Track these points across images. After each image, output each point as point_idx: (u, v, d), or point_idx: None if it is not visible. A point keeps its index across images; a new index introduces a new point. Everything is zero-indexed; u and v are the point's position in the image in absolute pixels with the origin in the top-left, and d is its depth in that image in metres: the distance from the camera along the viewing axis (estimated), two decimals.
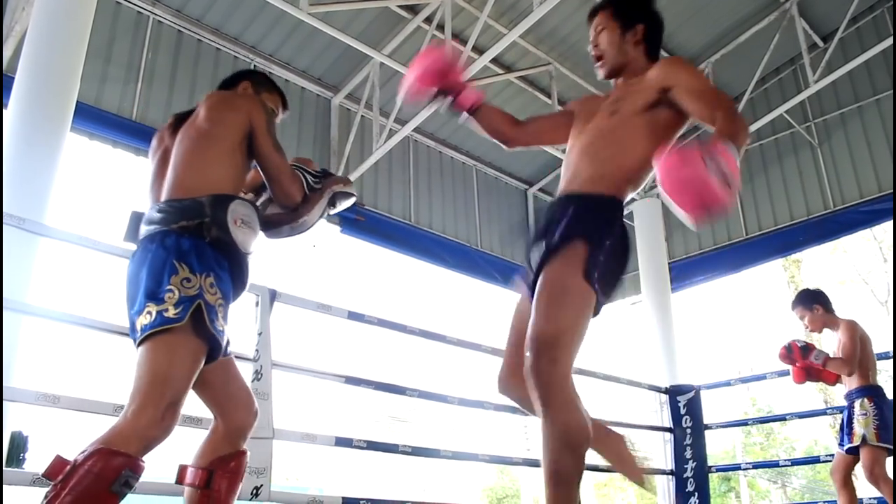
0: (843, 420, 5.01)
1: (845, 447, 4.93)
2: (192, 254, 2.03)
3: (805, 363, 4.94)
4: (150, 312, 1.94)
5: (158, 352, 1.94)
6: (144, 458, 1.88)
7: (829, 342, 5.12)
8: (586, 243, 2.12)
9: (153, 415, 1.87)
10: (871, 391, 4.88)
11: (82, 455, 1.77)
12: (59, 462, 1.77)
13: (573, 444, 1.93)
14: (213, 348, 2.06)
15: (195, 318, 1.96)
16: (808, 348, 4.93)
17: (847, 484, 4.86)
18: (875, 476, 4.73)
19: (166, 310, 1.94)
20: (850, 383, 4.96)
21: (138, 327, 1.97)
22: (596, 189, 2.23)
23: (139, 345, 1.97)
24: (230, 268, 2.16)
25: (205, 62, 7.88)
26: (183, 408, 2.00)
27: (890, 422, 4.75)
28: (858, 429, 4.79)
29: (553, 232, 2.17)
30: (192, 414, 3.38)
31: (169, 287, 1.96)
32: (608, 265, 2.12)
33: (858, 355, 4.84)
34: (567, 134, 2.52)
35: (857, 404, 4.87)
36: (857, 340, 4.87)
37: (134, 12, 7.35)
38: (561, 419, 1.94)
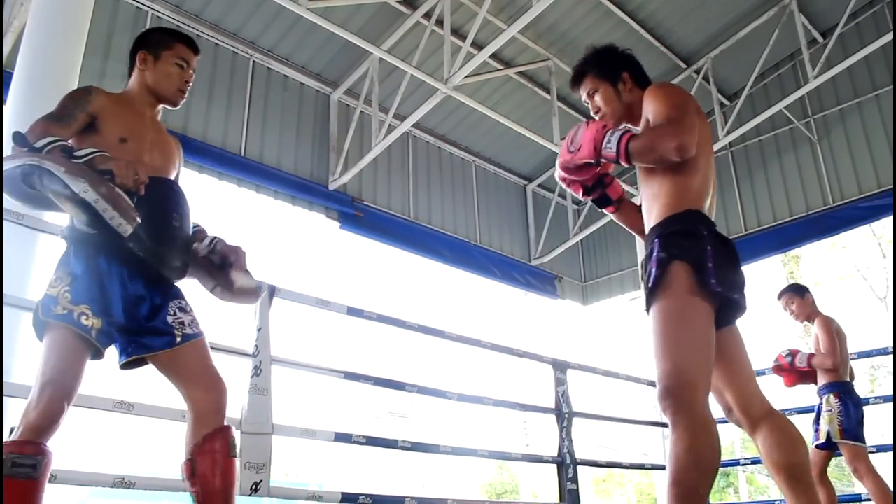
0: (814, 416, 5.08)
1: (814, 444, 4.99)
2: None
3: (793, 368, 5.05)
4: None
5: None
6: (41, 440, 2.01)
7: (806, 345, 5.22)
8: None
9: (29, 401, 2.06)
10: (838, 387, 4.96)
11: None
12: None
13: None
14: (78, 328, 2.16)
15: (41, 311, 2.18)
16: (792, 354, 5.06)
17: (823, 480, 4.88)
18: (858, 472, 4.78)
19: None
20: (821, 379, 5.02)
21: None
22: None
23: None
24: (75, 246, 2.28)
25: (204, 58, 7.80)
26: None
27: (855, 418, 4.80)
28: (823, 425, 4.88)
29: None
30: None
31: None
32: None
33: (838, 347, 4.90)
34: None
35: (824, 400, 4.94)
36: (834, 334, 4.95)
37: (133, 8, 7.34)
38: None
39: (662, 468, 6.50)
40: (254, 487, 3.36)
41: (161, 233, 2.32)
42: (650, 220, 2.37)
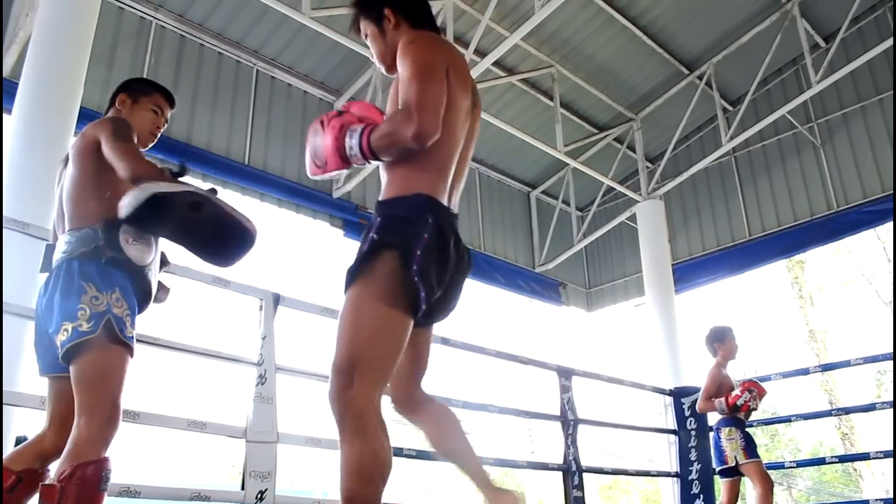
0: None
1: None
2: (95, 274, 2.28)
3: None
4: (66, 330, 2.21)
5: (88, 365, 2.21)
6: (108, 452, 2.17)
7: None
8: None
9: (101, 420, 2.16)
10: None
11: (64, 475, 2.07)
12: (46, 489, 2.09)
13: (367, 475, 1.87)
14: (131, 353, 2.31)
15: (107, 330, 2.21)
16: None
17: None
18: None
19: (80, 325, 2.21)
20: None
21: (58, 344, 2.23)
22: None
23: (68, 363, 2.23)
24: (132, 281, 2.37)
25: (207, 67, 7.90)
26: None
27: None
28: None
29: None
30: (197, 419, 3.39)
31: (81, 306, 2.22)
32: None
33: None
34: None
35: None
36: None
37: (136, 17, 7.37)
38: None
39: (668, 475, 6.49)
40: (259, 496, 3.36)
41: (151, 286, 2.51)
42: (382, 190, 2.15)
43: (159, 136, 2.81)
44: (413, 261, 1.93)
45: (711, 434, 5.41)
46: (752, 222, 9.99)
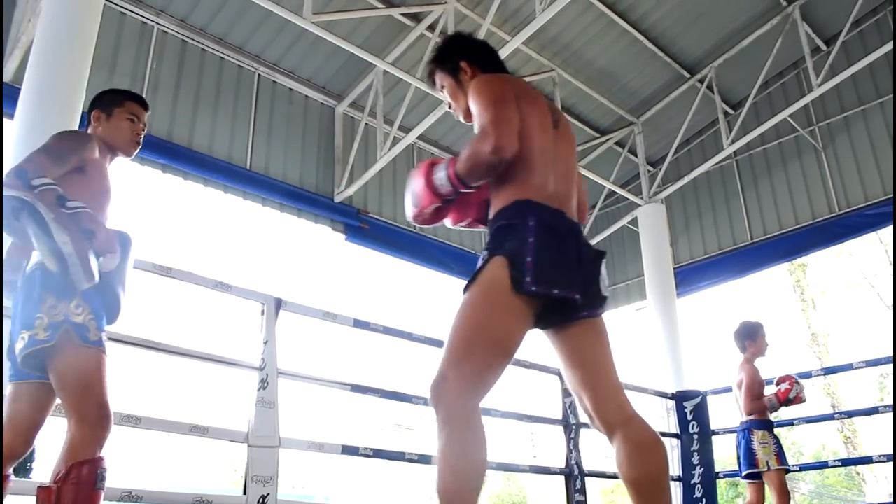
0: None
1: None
2: (55, 284, 2.31)
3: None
4: (23, 338, 2.27)
5: (62, 371, 2.28)
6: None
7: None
8: None
9: (90, 421, 2.24)
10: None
11: (60, 476, 2.15)
12: (43, 491, 2.18)
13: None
14: (105, 354, 2.38)
15: (66, 338, 2.26)
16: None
17: None
18: None
19: (37, 334, 2.26)
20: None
21: (16, 351, 2.30)
22: None
23: (30, 369, 2.33)
24: (96, 290, 2.37)
25: (209, 71, 7.91)
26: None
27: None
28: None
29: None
30: (199, 423, 3.39)
31: (38, 315, 2.28)
32: None
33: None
34: None
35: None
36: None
37: (139, 22, 7.38)
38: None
39: (671, 479, 6.47)
40: (261, 500, 3.36)
41: (124, 284, 2.54)
42: (492, 207, 2.22)
43: (141, 141, 2.85)
44: (525, 272, 1.96)
45: (737, 436, 5.25)
46: (754, 226, 9.98)
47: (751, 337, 5.27)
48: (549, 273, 1.97)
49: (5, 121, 6.00)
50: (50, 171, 2.34)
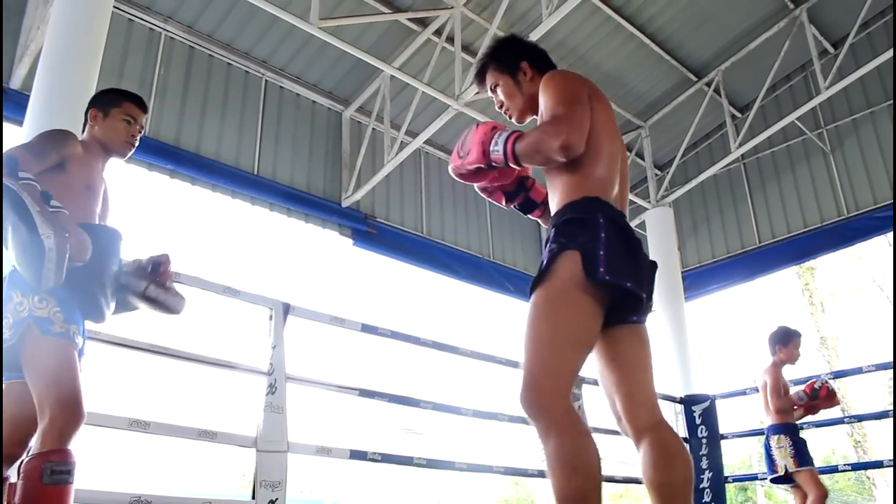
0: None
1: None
2: (21, 281, 2.34)
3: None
4: None
5: (28, 367, 2.30)
6: (68, 447, 2.18)
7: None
8: None
9: (52, 413, 2.19)
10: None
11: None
12: (9, 487, 2.18)
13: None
14: (74, 345, 2.38)
15: (29, 333, 2.30)
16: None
17: None
18: None
19: (4, 333, 2.31)
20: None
21: None
22: None
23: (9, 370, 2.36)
24: (68, 284, 2.34)
25: (216, 77, 7.94)
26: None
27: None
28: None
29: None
30: (207, 428, 3.40)
31: (6, 314, 2.33)
32: None
33: None
34: None
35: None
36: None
37: (146, 29, 7.42)
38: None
39: None
40: None
41: (105, 281, 2.53)
42: (557, 201, 2.24)
43: (136, 143, 2.87)
44: (598, 263, 1.98)
45: (762, 440, 5.29)
46: (762, 229, 9.96)
47: (783, 342, 5.25)
48: (622, 267, 2.01)
49: (15, 127, 6.04)
50: (30, 166, 2.36)
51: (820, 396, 5.08)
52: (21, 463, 2.13)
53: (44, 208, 2.21)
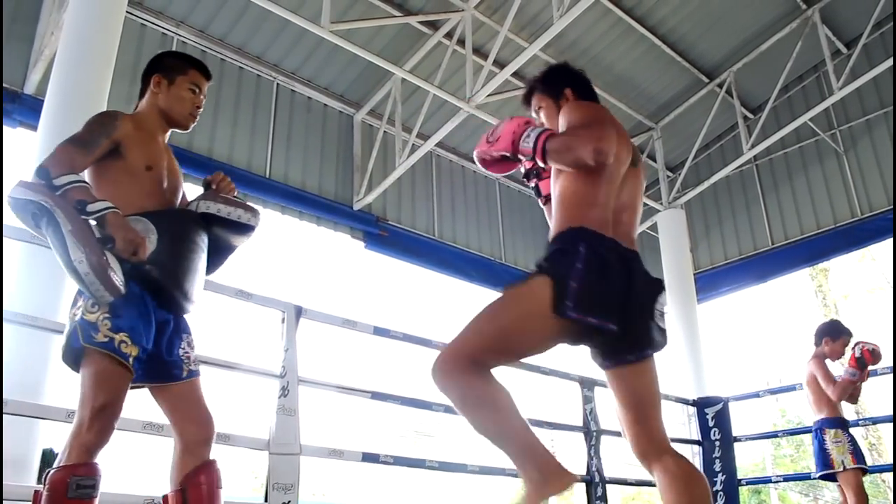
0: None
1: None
2: None
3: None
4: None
5: (80, 374, 2.18)
6: (95, 460, 2.10)
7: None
8: None
9: (81, 426, 2.08)
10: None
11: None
12: (34, 495, 2.09)
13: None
14: (119, 356, 2.16)
15: (74, 337, 2.16)
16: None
17: None
18: None
19: (64, 335, 2.22)
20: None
21: None
22: None
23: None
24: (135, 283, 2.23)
25: (228, 81, 7.97)
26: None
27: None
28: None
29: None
30: (220, 431, 3.41)
31: (69, 317, 2.23)
32: None
33: None
34: None
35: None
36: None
37: (159, 33, 7.46)
38: None
39: None
40: None
41: (180, 268, 2.36)
42: (551, 228, 2.28)
43: (198, 115, 2.74)
44: (568, 294, 1.97)
45: (812, 436, 5.05)
46: (775, 230, 9.91)
47: (832, 335, 5.02)
48: (591, 300, 1.98)
49: (29, 132, 6.09)
50: (78, 162, 2.20)
51: (868, 361, 4.77)
52: (47, 473, 2.06)
53: (77, 224, 2.06)
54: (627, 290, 2.07)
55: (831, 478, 4.91)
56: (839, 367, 5.14)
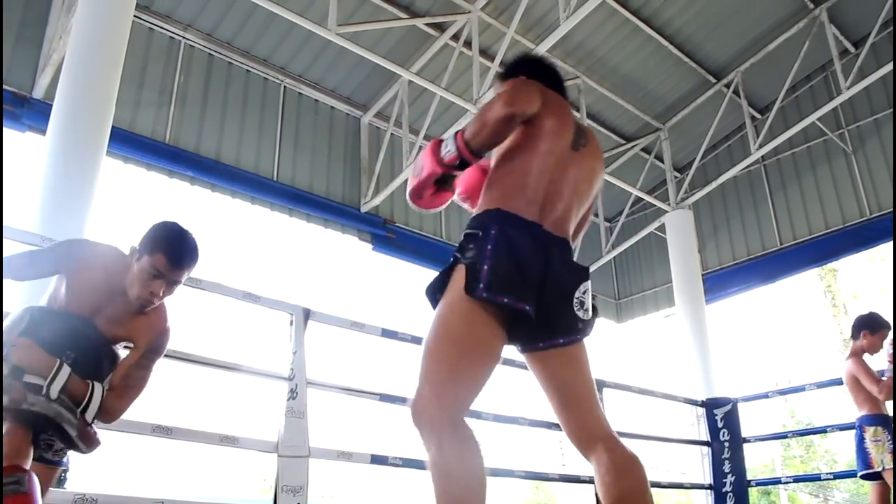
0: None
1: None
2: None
3: None
4: None
5: None
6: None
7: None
8: None
9: None
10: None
11: None
12: None
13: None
14: None
15: None
16: None
17: None
18: None
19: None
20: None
21: None
22: None
23: None
24: None
25: (235, 84, 7.99)
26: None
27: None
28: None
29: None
30: (229, 434, 3.41)
31: None
32: None
33: None
34: None
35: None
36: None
37: (166, 38, 7.49)
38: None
39: (702, 487, 6.41)
40: None
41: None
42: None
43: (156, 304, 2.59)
44: (480, 279, 1.92)
45: (854, 433, 4.85)
46: (783, 231, 9.88)
47: (871, 328, 4.81)
48: (502, 282, 1.92)
49: (38, 136, 6.12)
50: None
51: None
52: None
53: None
54: (544, 273, 1.99)
55: (874, 476, 4.75)
56: (876, 361, 5.03)
